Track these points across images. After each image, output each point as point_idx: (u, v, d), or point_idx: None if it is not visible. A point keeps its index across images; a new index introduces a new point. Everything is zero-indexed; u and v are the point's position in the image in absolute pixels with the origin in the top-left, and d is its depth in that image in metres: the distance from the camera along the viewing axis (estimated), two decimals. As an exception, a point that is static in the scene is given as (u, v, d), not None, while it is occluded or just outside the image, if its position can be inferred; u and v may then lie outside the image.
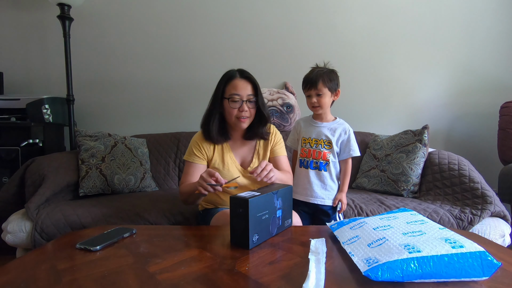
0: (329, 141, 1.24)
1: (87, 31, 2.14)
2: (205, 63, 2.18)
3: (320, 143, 1.25)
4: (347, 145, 1.25)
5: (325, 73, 1.21)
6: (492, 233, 1.27)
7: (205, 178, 0.92)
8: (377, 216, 0.82)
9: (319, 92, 1.20)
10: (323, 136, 1.25)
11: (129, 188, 1.65)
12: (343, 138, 1.25)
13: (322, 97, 1.20)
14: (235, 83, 1.08)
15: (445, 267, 0.53)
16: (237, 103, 1.07)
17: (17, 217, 1.30)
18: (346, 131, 1.26)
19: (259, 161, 1.18)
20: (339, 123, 1.28)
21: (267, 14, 2.15)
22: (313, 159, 1.25)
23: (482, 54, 2.10)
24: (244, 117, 1.08)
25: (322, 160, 1.24)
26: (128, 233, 0.82)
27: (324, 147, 1.25)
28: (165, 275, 0.59)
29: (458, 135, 2.15)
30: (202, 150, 1.13)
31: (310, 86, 1.20)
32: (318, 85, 1.19)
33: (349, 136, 1.25)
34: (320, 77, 1.19)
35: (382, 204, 1.40)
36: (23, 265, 0.65)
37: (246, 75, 1.11)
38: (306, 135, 1.28)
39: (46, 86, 2.16)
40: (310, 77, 1.21)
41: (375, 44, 2.14)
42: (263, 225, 0.76)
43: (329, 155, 1.24)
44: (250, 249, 0.72)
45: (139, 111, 2.22)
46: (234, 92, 1.07)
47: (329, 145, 1.24)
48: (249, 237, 0.72)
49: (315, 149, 1.25)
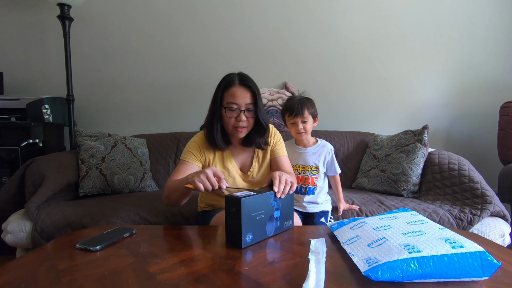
0: (316, 166, 1.30)
1: (87, 31, 2.15)
2: (205, 63, 2.18)
3: (307, 169, 1.30)
4: (332, 164, 1.32)
5: (307, 101, 1.28)
6: (492, 233, 1.27)
7: (209, 176, 0.83)
8: (377, 216, 0.82)
9: (304, 119, 1.26)
10: (310, 163, 1.31)
11: (129, 188, 1.65)
12: (328, 160, 1.32)
13: (306, 124, 1.27)
14: (233, 91, 1.02)
15: (445, 267, 0.53)
16: (234, 112, 1.02)
17: (17, 217, 1.30)
18: (330, 152, 1.32)
19: (259, 166, 1.16)
20: (321, 145, 1.33)
21: (267, 14, 2.15)
22: (302, 185, 1.30)
23: (482, 54, 2.10)
24: (241, 127, 1.03)
25: (311, 185, 1.30)
26: (128, 233, 0.82)
27: (311, 173, 1.30)
28: (165, 275, 0.59)
29: (458, 135, 2.15)
30: (202, 153, 1.09)
31: (296, 114, 1.25)
32: (304, 112, 1.25)
33: (332, 156, 1.32)
34: (304, 104, 1.26)
35: (382, 204, 1.40)
36: (23, 265, 0.65)
37: (245, 82, 1.03)
38: (293, 162, 1.32)
39: (46, 86, 2.16)
40: (295, 105, 1.26)
41: (375, 44, 2.14)
42: (258, 225, 0.76)
43: (317, 180, 1.30)
44: (244, 248, 0.72)
45: (139, 111, 2.22)
46: (232, 101, 1.01)
47: (316, 169, 1.30)
48: (242, 236, 0.72)
49: (303, 175, 1.30)
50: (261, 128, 1.09)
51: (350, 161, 1.88)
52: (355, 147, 1.91)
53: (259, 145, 1.12)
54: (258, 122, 1.07)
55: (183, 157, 1.09)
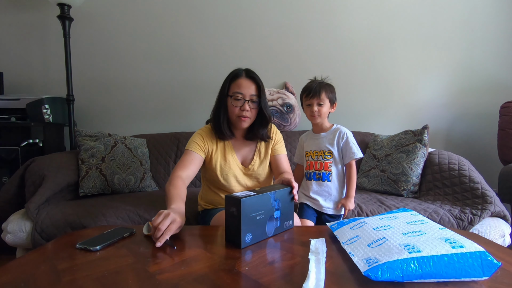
0: (329, 150, 1.27)
1: (87, 31, 2.15)
2: (205, 63, 2.18)
3: (320, 154, 1.29)
4: (347, 148, 1.26)
5: (327, 85, 1.27)
6: (492, 233, 1.26)
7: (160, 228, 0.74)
8: (377, 216, 0.82)
9: (320, 101, 1.24)
10: (323, 147, 1.29)
11: (129, 188, 1.65)
12: (342, 143, 1.26)
13: (322, 107, 1.25)
14: (240, 82, 1.09)
15: (445, 267, 0.53)
16: (239, 102, 1.08)
17: (17, 217, 1.30)
18: (343, 136, 1.27)
19: (260, 160, 1.19)
20: (335, 129, 1.30)
21: (267, 14, 2.14)
22: (315, 171, 1.28)
23: (482, 54, 2.10)
24: (245, 116, 1.08)
25: (324, 170, 1.27)
26: (128, 233, 0.82)
27: (325, 158, 1.27)
28: (165, 275, 0.59)
29: (458, 135, 2.15)
30: (205, 142, 1.13)
31: (313, 95, 1.23)
32: (321, 94, 1.23)
33: (347, 139, 1.26)
34: (323, 87, 1.25)
35: (382, 204, 1.40)
36: (23, 265, 0.65)
37: (251, 75, 1.11)
38: (308, 148, 1.33)
39: (46, 86, 2.16)
40: (313, 87, 1.25)
41: (375, 44, 2.14)
42: (258, 225, 0.76)
43: (331, 165, 1.27)
44: (244, 248, 0.72)
45: (139, 111, 2.22)
46: (237, 91, 1.08)
47: (330, 154, 1.27)
48: (242, 237, 0.72)
49: (316, 161, 1.29)
50: (264, 120, 1.14)
51: (350, 161, 1.87)
52: (355, 147, 1.91)
53: (262, 137, 1.16)
54: (261, 114, 1.13)
55: (188, 146, 1.13)
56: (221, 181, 1.14)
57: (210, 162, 1.14)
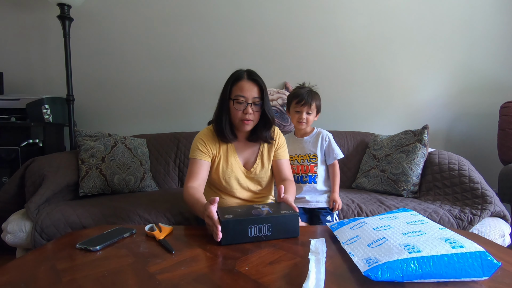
0: (314, 154, 1.31)
1: (87, 31, 2.14)
2: (205, 63, 2.17)
3: (305, 158, 1.32)
4: (330, 150, 1.32)
5: (316, 94, 1.31)
6: (492, 233, 1.27)
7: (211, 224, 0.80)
8: (377, 216, 0.82)
9: (310, 110, 1.29)
10: (307, 151, 1.32)
11: (129, 188, 1.65)
12: (325, 146, 1.32)
13: (310, 116, 1.30)
14: (242, 84, 1.07)
15: (445, 267, 0.53)
16: (241, 105, 1.06)
17: (17, 217, 1.29)
18: (326, 138, 1.33)
19: (262, 163, 1.18)
20: (317, 132, 1.35)
21: (267, 14, 2.14)
22: (302, 174, 1.31)
23: (482, 54, 2.10)
24: (248, 119, 1.07)
25: (311, 173, 1.31)
26: (128, 233, 0.82)
27: (310, 161, 1.31)
28: (165, 275, 0.59)
29: (458, 135, 2.15)
30: (207, 146, 1.12)
31: (304, 103, 1.27)
32: (312, 104, 1.27)
33: (329, 142, 1.32)
34: (313, 97, 1.28)
35: (382, 204, 1.40)
36: (23, 265, 0.65)
37: (253, 77, 1.08)
38: (292, 152, 1.34)
39: (46, 86, 2.16)
40: (304, 95, 1.27)
41: (375, 44, 2.14)
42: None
43: (316, 167, 1.31)
44: (244, 244, 0.74)
45: (139, 111, 2.22)
46: (240, 94, 1.06)
47: (315, 157, 1.31)
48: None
49: (302, 164, 1.32)
50: (267, 122, 1.12)
51: (350, 161, 1.87)
52: (355, 147, 1.91)
53: (265, 139, 1.15)
54: (264, 116, 1.11)
55: (192, 155, 1.12)
56: (223, 183, 1.14)
57: (212, 165, 1.14)
